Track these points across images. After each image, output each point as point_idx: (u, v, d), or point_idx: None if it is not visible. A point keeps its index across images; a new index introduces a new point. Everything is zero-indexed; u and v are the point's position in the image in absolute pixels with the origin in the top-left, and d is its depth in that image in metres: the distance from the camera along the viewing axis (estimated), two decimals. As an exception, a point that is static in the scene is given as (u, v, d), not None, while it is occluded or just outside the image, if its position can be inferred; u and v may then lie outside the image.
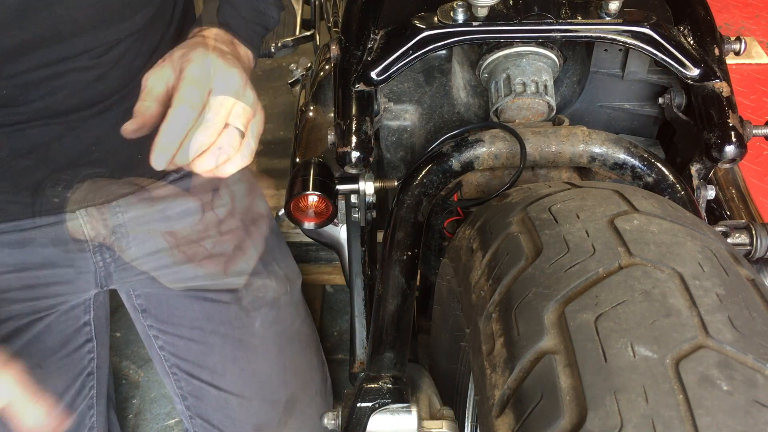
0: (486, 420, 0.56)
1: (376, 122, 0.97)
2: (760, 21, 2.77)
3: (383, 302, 0.79)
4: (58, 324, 1.16)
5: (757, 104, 2.35)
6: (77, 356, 1.19)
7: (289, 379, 1.23)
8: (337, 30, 1.46)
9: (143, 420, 1.55)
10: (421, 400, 0.77)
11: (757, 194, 1.69)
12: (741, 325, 0.51)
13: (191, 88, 0.77)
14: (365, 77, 0.93)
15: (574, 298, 0.55)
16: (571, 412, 0.48)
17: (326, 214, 0.90)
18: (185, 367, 1.21)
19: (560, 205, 0.65)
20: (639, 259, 0.56)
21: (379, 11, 0.99)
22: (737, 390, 0.47)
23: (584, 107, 1.07)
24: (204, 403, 1.21)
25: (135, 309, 1.24)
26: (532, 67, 0.94)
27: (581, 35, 0.91)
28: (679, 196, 0.83)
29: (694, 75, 0.91)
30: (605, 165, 0.85)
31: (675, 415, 0.45)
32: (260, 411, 1.20)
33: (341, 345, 1.70)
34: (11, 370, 0.72)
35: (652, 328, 0.50)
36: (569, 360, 0.51)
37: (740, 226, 0.90)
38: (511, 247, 0.64)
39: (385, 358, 0.74)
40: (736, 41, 0.97)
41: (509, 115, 0.94)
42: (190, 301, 1.20)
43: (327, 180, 0.89)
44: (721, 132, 0.87)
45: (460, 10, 0.90)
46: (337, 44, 1.00)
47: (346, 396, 0.73)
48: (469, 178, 0.92)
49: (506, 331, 0.57)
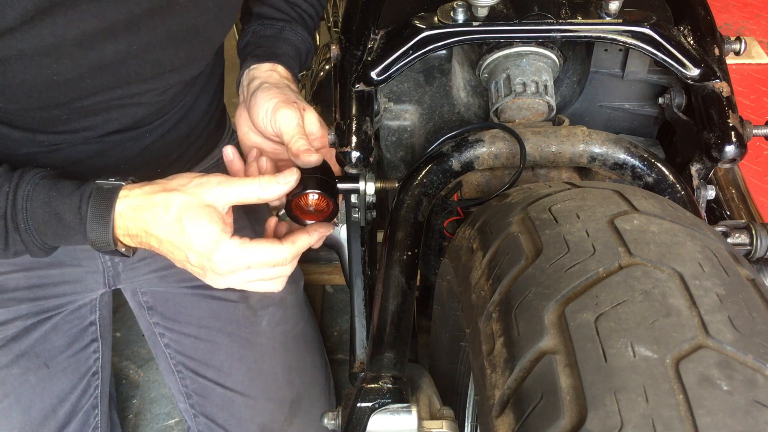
0: (486, 420, 0.56)
1: (376, 122, 0.97)
2: (760, 21, 2.77)
3: (383, 302, 0.79)
4: (65, 323, 1.16)
5: (757, 104, 2.35)
6: (83, 356, 1.19)
7: (295, 379, 1.23)
8: (337, 30, 1.46)
9: (143, 420, 1.55)
10: (421, 400, 0.77)
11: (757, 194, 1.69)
12: (741, 325, 0.51)
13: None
14: (365, 77, 0.93)
15: (574, 298, 0.55)
16: (571, 412, 0.48)
17: (327, 213, 0.89)
18: (191, 365, 1.22)
19: (560, 205, 0.65)
20: (639, 259, 0.56)
21: (379, 11, 0.99)
22: (737, 390, 0.47)
23: (584, 107, 1.07)
24: (209, 402, 1.21)
25: (140, 306, 1.24)
26: (532, 67, 0.94)
27: (581, 35, 0.91)
28: (679, 196, 0.83)
29: (694, 75, 0.91)
30: (605, 165, 0.85)
31: (675, 415, 0.45)
32: (265, 410, 1.20)
33: (341, 345, 1.70)
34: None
35: (652, 328, 0.50)
36: (569, 360, 0.50)
37: (740, 226, 0.90)
38: (511, 247, 0.64)
39: (385, 358, 0.74)
40: (736, 41, 0.97)
41: (509, 115, 0.94)
42: (198, 299, 1.20)
43: (328, 178, 0.89)
44: (721, 132, 0.87)
45: (460, 10, 0.90)
46: (337, 44, 1.00)
47: (346, 396, 0.73)
48: (469, 178, 0.92)
49: (506, 331, 0.57)
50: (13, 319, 1.10)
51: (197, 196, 0.81)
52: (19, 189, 0.82)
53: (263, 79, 1.00)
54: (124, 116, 0.98)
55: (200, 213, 0.81)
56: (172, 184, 0.83)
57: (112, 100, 0.93)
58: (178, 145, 1.11)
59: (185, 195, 0.81)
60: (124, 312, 1.71)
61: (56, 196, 0.82)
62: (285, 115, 0.92)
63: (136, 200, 0.82)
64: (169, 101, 1.03)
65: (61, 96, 0.87)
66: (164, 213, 0.81)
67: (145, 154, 1.06)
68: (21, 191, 0.82)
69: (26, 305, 1.11)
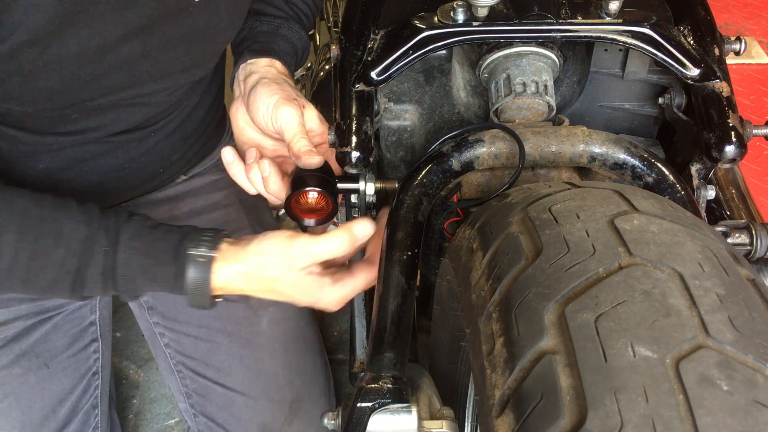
0: (486, 420, 0.56)
1: (376, 122, 0.97)
2: (760, 21, 2.77)
3: (383, 302, 0.79)
4: (65, 323, 1.16)
5: (757, 104, 2.35)
6: (83, 356, 1.19)
7: (295, 379, 1.23)
8: (337, 30, 1.46)
9: (143, 420, 1.55)
10: (421, 400, 0.77)
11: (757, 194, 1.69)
12: (741, 325, 0.51)
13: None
14: (365, 77, 0.93)
15: (574, 298, 0.55)
16: (571, 412, 0.48)
17: (327, 211, 0.89)
18: (191, 365, 1.22)
19: (560, 205, 0.65)
20: (639, 259, 0.56)
21: (379, 11, 0.99)
22: (737, 390, 0.47)
23: (584, 107, 1.07)
24: (209, 402, 1.21)
25: (140, 306, 1.24)
26: (532, 67, 0.94)
27: (581, 35, 0.91)
28: (679, 196, 0.83)
29: (694, 75, 0.91)
30: (605, 165, 0.85)
31: (675, 415, 0.45)
32: (266, 410, 1.20)
33: (341, 345, 1.69)
34: None
35: (652, 328, 0.50)
36: (569, 360, 0.50)
37: (740, 226, 0.90)
38: (511, 247, 0.64)
39: (385, 358, 0.74)
40: (736, 41, 0.97)
41: (509, 115, 0.94)
42: None
43: (328, 177, 0.89)
44: (721, 132, 0.87)
45: (460, 10, 0.90)
46: (337, 44, 1.00)
47: (346, 396, 0.73)
48: (469, 178, 0.92)
49: (506, 331, 0.57)
50: (14, 319, 1.10)
51: (292, 269, 0.87)
52: (118, 254, 0.85)
53: (262, 74, 0.99)
54: (132, 116, 0.98)
55: (297, 280, 0.88)
56: (265, 262, 0.87)
57: (123, 100, 0.93)
58: (180, 146, 1.12)
59: (280, 272, 0.87)
60: (124, 312, 1.71)
61: (153, 264, 0.85)
62: (286, 113, 0.92)
63: (231, 276, 0.87)
64: (175, 102, 1.04)
65: (75, 97, 0.87)
66: (261, 284, 0.88)
67: (148, 155, 1.06)
68: (120, 257, 0.85)
69: (26, 305, 1.11)
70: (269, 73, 1.00)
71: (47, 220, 0.83)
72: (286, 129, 0.92)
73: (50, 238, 0.82)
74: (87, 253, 0.83)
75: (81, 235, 0.83)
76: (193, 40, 0.93)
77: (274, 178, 0.91)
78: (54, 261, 0.82)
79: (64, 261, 0.82)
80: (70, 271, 0.83)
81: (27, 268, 0.81)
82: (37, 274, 0.82)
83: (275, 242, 0.87)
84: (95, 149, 0.99)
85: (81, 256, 0.83)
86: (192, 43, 0.93)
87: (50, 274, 0.83)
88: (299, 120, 0.92)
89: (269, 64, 1.02)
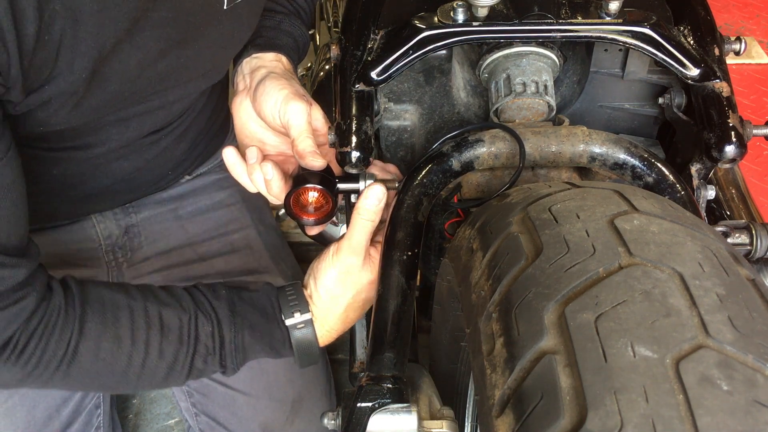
0: (486, 420, 0.56)
1: (376, 122, 0.97)
2: (760, 21, 2.77)
3: (383, 302, 0.79)
4: None
5: (757, 104, 2.35)
6: None
7: (296, 379, 1.23)
8: (337, 30, 1.46)
9: (143, 420, 1.55)
10: (421, 400, 0.77)
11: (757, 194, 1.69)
12: (741, 325, 0.51)
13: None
14: (365, 77, 0.93)
15: (574, 298, 0.55)
16: (571, 412, 0.48)
17: (326, 210, 0.89)
18: None
19: (560, 205, 0.65)
20: (639, 259, 0.56)
21: (379, 11, 0.99)
22: (737, 390, 0.47)
23: (584, 107, 1.07)
24: (210, 401, 1.21)
25: None
26: (532, 67, 0.94)
27: (581, 35, 0.91)
28: (679, 196, 0.83)
29: (694, 75, 0.91)
30: (605, 165, 0.85)
31: (675, 415, 0.45)
32: (267, 409, 1.20)
33: (341, 345, 1.69)
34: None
35: (652, 328, 0.50)
36: (569, 360, 0.51)
37: (740, 226, 0.90)
38: (511, 247, 0.64)
39: (385, 358, 0.74)
40: (736, 41, 0.97)
41: (509, 115, 0.94)
42: None
43: (327, 175, 0.89)
44: (721, 132, 0.87)
45: (460, 10, 0.90)
46: (337, 44, 1.00)
47: (346, 396, 0.73)
48: (469, 178, 0.92)
49: (506, 331, 0.57)
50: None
51: (354, 279, 0.91)
52: (224, 338, 0.89)
53: (270, 68, 0.99)
54: (153, 121, 0.98)
55: (364, 279, 0.92)
56: (338, 291, 0.92)
57: (149, 108, 0.94)
58: (188, 147, 1.12)
59: (352, 291, 0.92)
60: (124, 312, 1.71)
61: (260, 341, 0.90)
62: (295, 108, 0.92)
63: (324, 327, 0.94)
64: (188, 104, 1.04)
65: (109, 112, 0.88)
66: (353, 314, 0.96)
67: (159, 158, 1.06)
68: (227, 338, 0.89)
69: None
70: (277, 68, 1.00)
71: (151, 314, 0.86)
72: (294, 125, 0.91)
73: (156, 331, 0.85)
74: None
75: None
76: (220, 46, 0.94)
77: (277, 181, 0.91)
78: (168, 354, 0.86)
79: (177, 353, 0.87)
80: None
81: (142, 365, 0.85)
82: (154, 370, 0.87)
83: (331, 274, 0.91)
84: (111, 155, 0.99)
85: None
86: (218, 49, 0.94)
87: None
88: (307, 117, 0.92)
89: (276, 59, 1.02)
